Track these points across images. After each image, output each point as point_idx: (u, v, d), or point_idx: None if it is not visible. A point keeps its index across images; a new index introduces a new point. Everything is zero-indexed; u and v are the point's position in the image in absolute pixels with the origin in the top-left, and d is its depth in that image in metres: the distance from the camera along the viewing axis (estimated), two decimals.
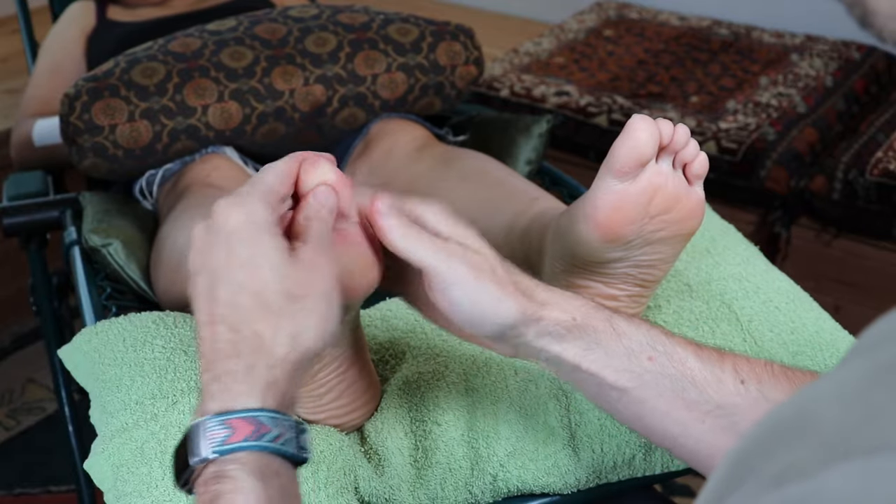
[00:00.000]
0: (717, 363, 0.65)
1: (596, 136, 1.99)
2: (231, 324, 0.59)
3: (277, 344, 0.58)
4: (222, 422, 0.56)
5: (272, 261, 0.59)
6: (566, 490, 0.84)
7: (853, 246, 1.84)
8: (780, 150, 1.88)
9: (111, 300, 1.12)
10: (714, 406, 0.63)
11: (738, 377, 0.64)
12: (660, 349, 0.65)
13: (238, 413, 0.56)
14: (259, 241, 0.60)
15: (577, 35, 2.41)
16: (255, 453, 0.56)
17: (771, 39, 2.34)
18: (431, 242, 0.65)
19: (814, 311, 0.95)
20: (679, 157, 0.80)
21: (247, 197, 0.62)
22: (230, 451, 0.56)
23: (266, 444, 0.56)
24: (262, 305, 0.58)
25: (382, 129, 1.31)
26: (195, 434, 0.57)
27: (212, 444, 0.56)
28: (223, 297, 0.59)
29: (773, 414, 0.35)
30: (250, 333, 0.58)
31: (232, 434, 0.56)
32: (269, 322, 0.58)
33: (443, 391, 0.84)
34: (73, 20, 1.60)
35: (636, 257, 0.83)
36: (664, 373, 0.64)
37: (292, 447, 0.57)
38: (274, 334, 0.58)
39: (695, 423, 0.64)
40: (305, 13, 1.32)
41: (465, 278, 0.64)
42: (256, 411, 0.57)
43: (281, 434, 0.57)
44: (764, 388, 0.63)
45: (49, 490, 1.82)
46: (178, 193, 1.19)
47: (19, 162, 1.48)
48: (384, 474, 0.79)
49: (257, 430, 0.56)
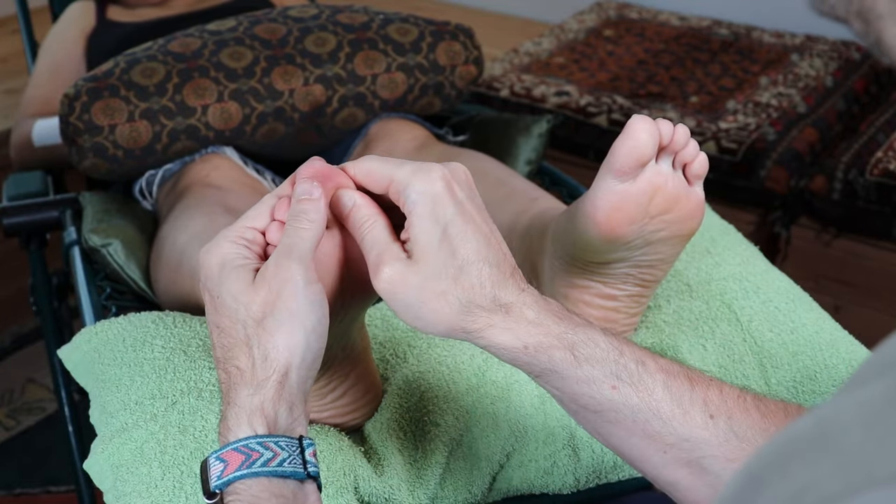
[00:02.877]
0: (687, 395, 0.62)
1: (596, 136, 1.99)
2: (223, 365, 0.62)
3: (255, 370, 0.60)
4: (218, 457, 0.59)
5: (233, 292, 0.61)
6: (566, 490, 0.84)
7: (853, 246, 1.84)
8: (780, 150, 1.88)
9: (111, 300, 1.12)
10: (678, 439, 0.61)
11: (707, 410, 0.61)
12: (625, 378, 0.62)
13: (230, 445, 0.59)
14: (222, 278, 0.61)
15: (577, 35, 2.41)
16: (250, 480, 0.58)
17: (771, 39, 2.34)
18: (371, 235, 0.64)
19: (814, 311, 0.95)
20: (679, 158, 0.80)
21: (218, 240, 0.63)
22: (227, 483, 0.58)
23: (258, 470, 0.58)
24: (237, 340, 0.61)
25: (382, 129, 1.31)
26: (203, 473, 0.60)
27: (213, 479, 0.59)
28: (214, 340, 0.62)
29: (791, 428, 0.34)
30: (234, 370, 0.61)
31: (226, 467, 0.58)
32: (245, 354, 0.60)
33: (443, 391, 0.84)
34: (72, 20, 1.60)
35: (636, 257, 0.83)
36: (627, 403, 0.61)
37: (293, 465, 0.59)
38: (251, 364, 0.60)
39: (655, 452, 0.62)
40: (305, 13, 1.32)
41: (394, 286, 0.62)
42: (246, 439, 0.59)
43: (275, 456, 0.58)
44: (734, 424, 0.61)
45: (49, 490, 1.82)
46: (178, 193, 1.19)
47: (19, 162, 1.48)
48: (384, 474, 0.79)
49: (247, 458, 0.58)
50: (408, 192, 0.62)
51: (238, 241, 0.63)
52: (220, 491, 0.59)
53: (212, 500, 0.59)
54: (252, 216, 0.65)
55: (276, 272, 0.60)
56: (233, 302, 0.60)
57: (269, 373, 0.59)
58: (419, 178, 0.62)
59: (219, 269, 0.62)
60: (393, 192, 0.63)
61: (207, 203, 1.11)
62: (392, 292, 0.62)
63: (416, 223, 0.62)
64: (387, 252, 0.62)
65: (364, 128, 1.32)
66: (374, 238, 0.64)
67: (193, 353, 0.85)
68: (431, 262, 0.61)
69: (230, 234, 0.64)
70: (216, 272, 0.62)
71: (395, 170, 0.63)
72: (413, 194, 0.62)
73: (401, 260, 0.62)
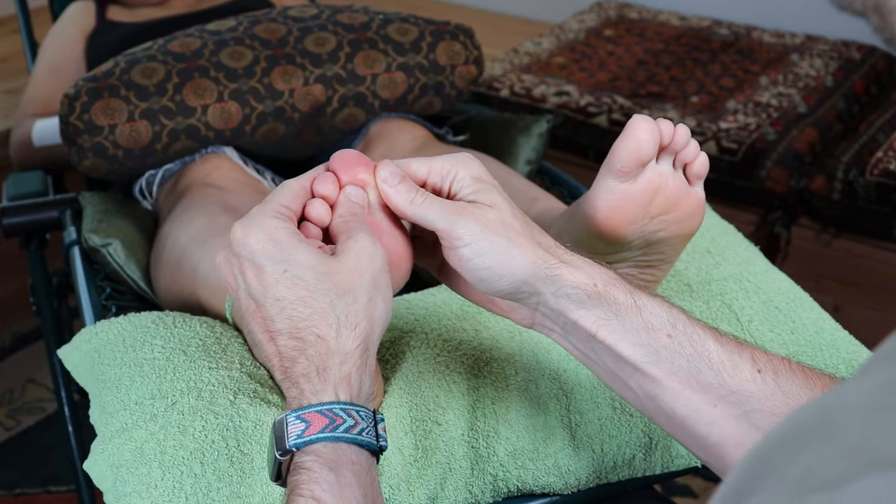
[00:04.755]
0: (736, 350, 0.64)
1: (596, 136, 1.99)
2: (292, 333, 0.62)
3: (341, 339, 0.62)
4: (300, 416, 0.61)
5: (307, 264, 0.62)
6: (566, 490, 0.84)
7: (853, 246, 1.84)
8: (780, 150, 1.88)
9: (111, 300, 1.12)
10: (728, 391, 0.63)
11: (756, 366, 0.63)
12: (679, 328, 0.64)
13: (313, 407, 0.61)
14: (288, 251, 0.63)
15: (577, 35, 2.41)
16: (330, 444, 0.60)
17: (771, 39, 2.34)
18: (439, 203, 0.66)
19: (814, 311, 0.95)
20: (679, 158, 0.80)
21: (258, 217, 0.64)
22: (307, 443, 0.60)
23: (340, 435, 0.60)
24: (313, 309, 0.62)
25: (382, 128, 1.31)
26: (279, 429, 0.61)
27: (291, 437, 0.60)
28: (273, 313, 0.63)
29: (797, 414, 0.35)
30: (313, 338, 0.62)
31: (308, 427, 0.60)
32: (328, 322, 0.62)
33: (443, 391, 0.84)
34: (72, 20, 1.60)
35: (636, 257, 0.83)
36: (681, 352, 0.64)
37: (369, 436, 0.61)
38: (337, 333, 0.62)
39: (707, 406, 0.63)
40: (305, 13, 1.32)
41: (475, 234, 0.64)
42: (330, 404, 0.61)
43: (356, 424, 0.61)
44: (780, 380, 0.63)
45: (49, 490, 1.82)
46: (179, 193, 1.19)
47: (19, 162, 1.48)
48: (384, 474, 0.79)
49: (332, 422, 0.60)
50: (456, 171, 0.67)
51: (282, 217, 0.64)
52: (296, 449, 0.60)
53: (284, 458, 0.61)
54: (284, 198, 0.66)
55: (364, 248, 0.63)
56: (309, 273, 0.62)
57: (357, 342, 0.62)
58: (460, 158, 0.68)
59: (276, 243, 0.63)
60: (435, 177, 0.68)
61: (208, 203, 1.11)
62: (479, 235, 0.64)
63: (477, 185, 0.67)
64: (459, 203, 0.66)
65: (364, 128, 1.32)
66: (438, 200, 0.67)
67: (193, 353, 0.85)
68: (504, 208, 0.66)
69: (269, 209, 0.65)
70: (272, 246, 0.63)
71: (430, 160, 0.68)
72: (462, 171, 0.67)
73: (478, 207, 0.66)
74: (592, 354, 0.67)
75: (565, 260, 0.66)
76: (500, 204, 0.66)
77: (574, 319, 0.65)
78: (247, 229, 0.63)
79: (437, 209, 0.66)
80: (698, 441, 0.64)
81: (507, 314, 0.70)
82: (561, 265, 0.65)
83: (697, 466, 0.87)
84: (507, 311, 0.70)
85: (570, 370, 0.86)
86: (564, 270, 0.65)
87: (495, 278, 0.65)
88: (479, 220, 0.65)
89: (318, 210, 0.67)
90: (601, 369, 0.67)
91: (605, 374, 0.67)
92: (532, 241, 0.66)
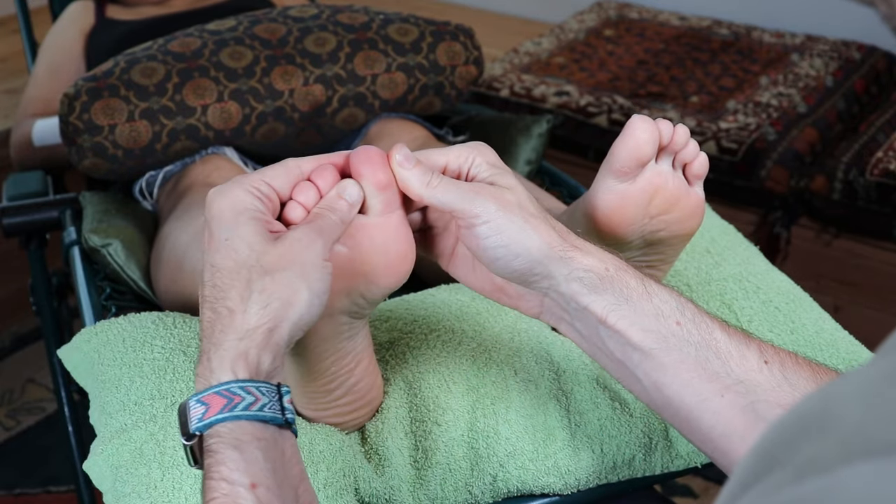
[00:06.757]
0: (743, 341, 0.65)
1: (596, 136, 1.99)
2: (211, 304, 0.62)
3: (248, 315, 0.61)
4: (199, 399, 0.60)
5: (247, 239, 0.62)
6: (566, 490, 0.84)
7: (853, 246, 1.84)
8: (781, 150, 1.88)
9: (111, 300, 1.12)
10: (735, 380, 0.63)
11: (763, 357, 0.64)
12: (688, 316, 0.65)
13: (212, 389, 0.60)
14: (237, 223, 0.63)
15: (577, 35, 2.41)
16: (230, 423, 0.59)
17: (771, 39, 2.34)
18: (456, 184, 0.67)
19: (814, 311, 0.95)
20: (679, 158, 0.80)
21: (232, 186, 0.65)
22: (208, 425, 0.59)
23: (239, 413, 0.59)
24: (235, 282, 0.62)
25: (382, 129, 1.31)
26: (182, 416, 0.61)
27: (193, 421, 0.60)
28: (207, 278, 0.63)
29: (799, 406, 0.35)
30: (225, 311, 0.61)
31: (208, 409, 0.60)
32: (240, 295, 0.61)
33: (443, 391, 0.84)
34: (72, 20, 1.60)
35: (636, 257, 0.83)
36: (689, 339, 0.64)
37: (272, 410, 0.60)
38: (245, 307, 0.61)
39: (714, 395, 0.63)
40: (305, 13, 1.32)
41: (492, 212, 0.65)
42: (228, 384, 0.60)
43: (256, 401, 0.60)
44: (787, 372, 0.63)
45: (49, 490, 1.82)
46: (179, 194, 1.19)
47: (19, 162, 1.48)
48: (384, 475, 0.79)
49: (230, 401, 0.59)
50: (473, 157, 0.69)
51: (253, 192, 0.65)
52: (200, 433, 0.60)
53: (190, 442, 0.60)
54: (272, 175, 0.66)
55: (300, 238, 0.63)
56: (245, 247, 0.62)
57: (264, 321, 0.61)
58: (477, 146, 0.70)
59: (232, 213, 0.63)
60: (454, 165, 0.69)
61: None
62: (496, 213, 0.65)
63: (493, 170, 0.68)
64: (476, 184, 0.67)
65: (364, 128, 1.32)
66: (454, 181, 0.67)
67: (193, 353, 0.85)
68: (520, 191, 0.67)
69: (245, 182, 0.65)
70: (228, 215, 0.63)
71: (448, 150, 0.70)
72: (479, 157, 0.69)
73: (495, 188, 0.67)
74: (600, 343, 0.67)
75: (578, 245, 0.67)
76: (517, 187, 0.68)
77: (584, 305, 0.66)
78: (216, 195, 0.64)
79: (454, 190, 0.66)
80: (703, 433, 0.64)
81: (515, 302, 0.71)
82: (574, 249, 0.66)
83: (697, 466, 0.87)
84: (516, 298, 0.70)
85: (570, 371, 0.86)
86: (577, 254, 0.66)
87: (511, 256, 0.66)
88: (496, 198, 0.66)
89: (307, 195, 0.67)
90: (608, 359, 0.67)
91: (612, 364, 0.67)
92: (546, 223, 0.67)
